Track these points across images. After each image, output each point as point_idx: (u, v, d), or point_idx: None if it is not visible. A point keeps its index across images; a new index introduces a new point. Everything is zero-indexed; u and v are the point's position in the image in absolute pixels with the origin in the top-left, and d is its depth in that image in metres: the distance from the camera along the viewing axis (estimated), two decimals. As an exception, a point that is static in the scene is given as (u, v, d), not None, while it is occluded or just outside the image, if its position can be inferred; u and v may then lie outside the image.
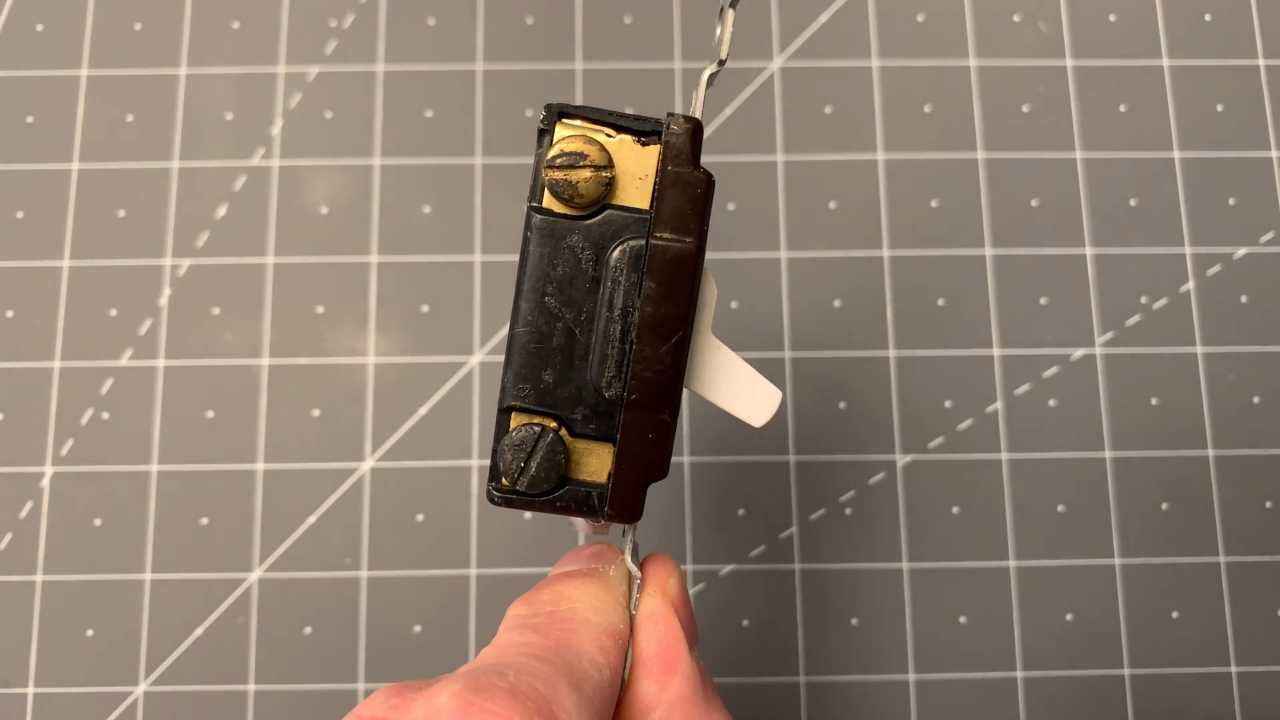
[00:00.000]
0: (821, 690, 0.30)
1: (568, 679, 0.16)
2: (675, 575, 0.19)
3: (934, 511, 0.31)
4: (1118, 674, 0.31)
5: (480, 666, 0.16)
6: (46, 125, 0.33)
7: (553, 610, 0.18)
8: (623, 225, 0.17)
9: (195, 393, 0.32)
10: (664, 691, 0.18)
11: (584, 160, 0.17)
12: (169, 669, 0.30)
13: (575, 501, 0.18)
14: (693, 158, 0.17)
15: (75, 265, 0.32)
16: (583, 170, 0.17)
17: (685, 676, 0.18)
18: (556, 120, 0.17)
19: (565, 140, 0.17)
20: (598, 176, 0.17)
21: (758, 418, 0.18)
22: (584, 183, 0.17)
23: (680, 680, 0.18)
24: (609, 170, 0.17)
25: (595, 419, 0.17)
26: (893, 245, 0.33)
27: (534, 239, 0.17)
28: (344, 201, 0.33)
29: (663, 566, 0.19)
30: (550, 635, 0.17)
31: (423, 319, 0.32)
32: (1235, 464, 0.32)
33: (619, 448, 0.17)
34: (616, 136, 0.17)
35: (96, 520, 0.31)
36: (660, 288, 0.17)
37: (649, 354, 0.17)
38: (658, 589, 0.19)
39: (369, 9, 0.34)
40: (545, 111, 0.17)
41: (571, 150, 0.17)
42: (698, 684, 0.18)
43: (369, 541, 0.31)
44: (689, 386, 0.18)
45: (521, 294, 0.17)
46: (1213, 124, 0.34)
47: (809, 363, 0.32)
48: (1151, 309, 0.33)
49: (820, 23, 0.34)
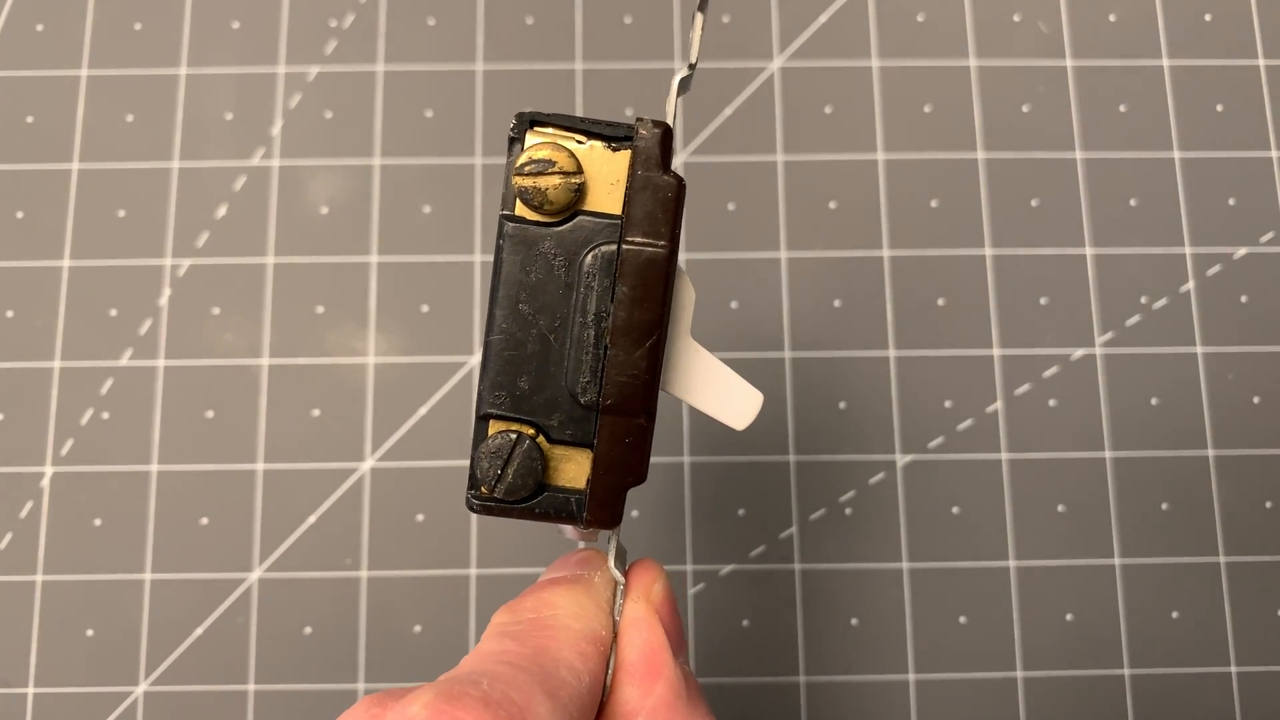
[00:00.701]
0: (821, 690, 0.30)
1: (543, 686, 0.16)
2: (660, 581, 0.19)
3: (934, 511, 0.31)
4: (1118, 674, 0.31)
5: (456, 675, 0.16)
6: (46, 125, 0.33)
7: (534, 617, 0.18)
8: (595, 231, 0.17)
9: (195, 393, 0.32)
10: (646, 698, 0.18)
11: (552, 167, 0.17)
12: (169, 669, 0.30)
13: (554, 508, 0.17)
14: (663, 161, 0.17)
15: (75, 265, 0.32)
16: (551, 177, 0.17)
17: (668, 683, 0.18)
18: (527, 129, 0.17)
19: (534, 148, 0.17)
20: (566, 183, 0.17)
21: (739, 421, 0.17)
22: (553, 189, 0.17)
23: (663, 686, 0.18)
24: (578, 176, 0.17)
25: (572, 425, 0.17)
26: (893, 245, 0.33)
27: (507, 246, 0.17)
28: (344, 201, 0.33)
29: (647, 572, 0.19)
30: (529, 642, 0.17)
31: (423, 319, 0.32)
32: (1235, 464, 0.32)
33: (596, 453, 0.17)
34: (587, 143, 0.17)
35: (96, 520, 0.31)
36: (633, 292, 0.17)
37: (623, 359, 0.17)
38: (641, 595, 0.19)
39: (369, 9, 0.34)
40: (515, 120, 0.17)
41: (539, 157, 0.17)
42: (681, 691, 0.18)
43: (369, 541, 0.31)
44: (668, 390, 0.18)
45: (496, 301, 0.17)
46: (1213, 124, 0.34)
47: (809, 363, 0.32)
48: (1151, 309, 0.33)
49: (820, 23, 0.34)
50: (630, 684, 0.18)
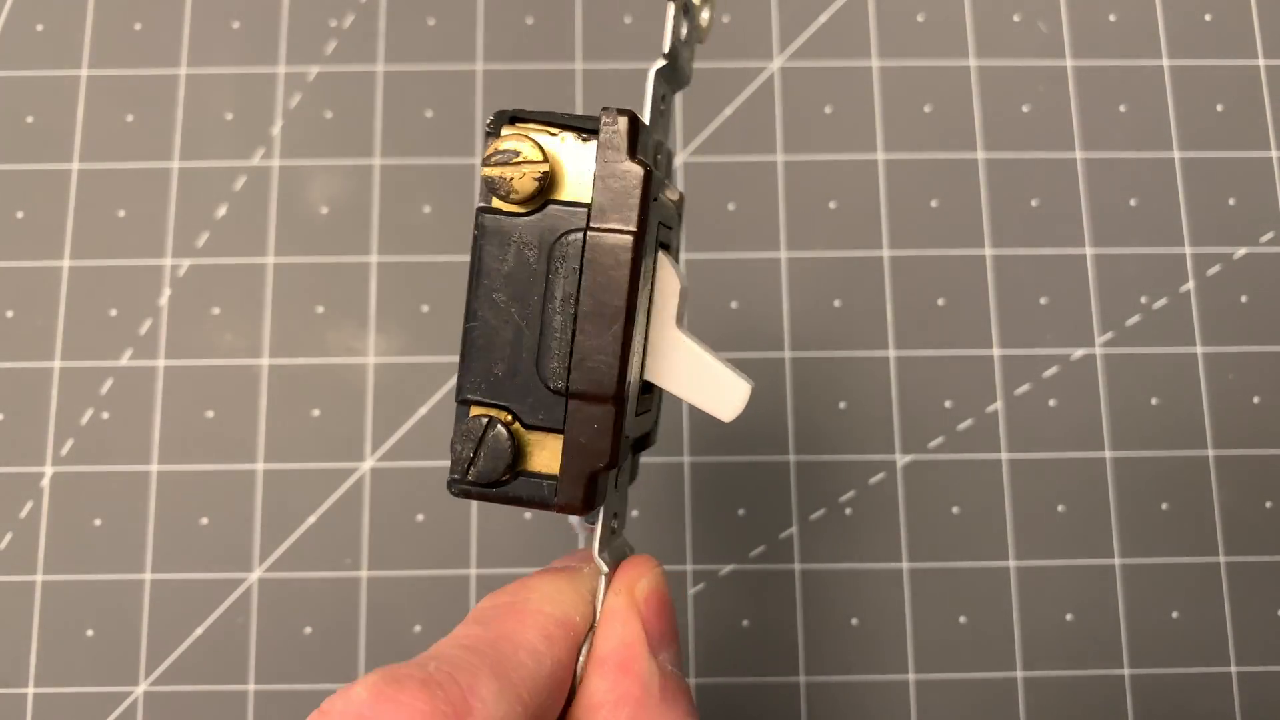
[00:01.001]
0: (821, 690, 0.30)
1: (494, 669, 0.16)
2: (649, 576, 0.19)
3: (934, 511, 0.31)
4: (1118, 674, 0.31)
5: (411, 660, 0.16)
6: (46, 125, 0.33)
7: (509, 600, 0.18)
8: (565, 219, 0.17)
9: (195, 393, 0.32)
10: (612, 692, 0.17)
11: (517, 157, 0.17)
12: (169, 669, 0.30)
13: (528, 492, 0.18)
14: (630, 149, 0.17)
15: (75, 265, 0.32)
16: (518, 166, 0.17)
17: (638, 678, 0.17)
18: (503, 124, 0.18)
19: (502, 139, 0.17)
20: (531, 171, 0.17)
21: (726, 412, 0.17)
22: (518, 178, 0.17)
23: (631, 682, 0.17)
24: (542, 164, 0.17)
25: (544, 410, 0.17)
26: (893, 245, 0.33)
27: (482, 237, 0.17)
28: (344, 201, 0.33)
29: (636, 566, 0.19)
30: (494, 626, 0.17)
31: (423, 319, 0.32)
32: (1235, 464, 0.32)
33: (566, 438, 0.17)
34: (559, 135, 0.17)
35: (96, 520, 0.31)
36: (598, 278, 0.17)
37: (590, 344, 0.17)
38: (624, 588, 0.18)
39: (369, 9, 0.34)
40: (493, 117, 0.18)
41: (505, 148, 0.17)
42: (654, 688, 0.17)
43: (369, 541, 0.31)
44: (655, 381, 0.18)
45: (471, 291, 0.18)
46: (1213, 124, 0.34)
47: (809, 363, 0.32)
48: (1151, 309, 0.33)
49: (820, 23, 0.34)
50: (599, 676, 0.18)
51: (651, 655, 0.18)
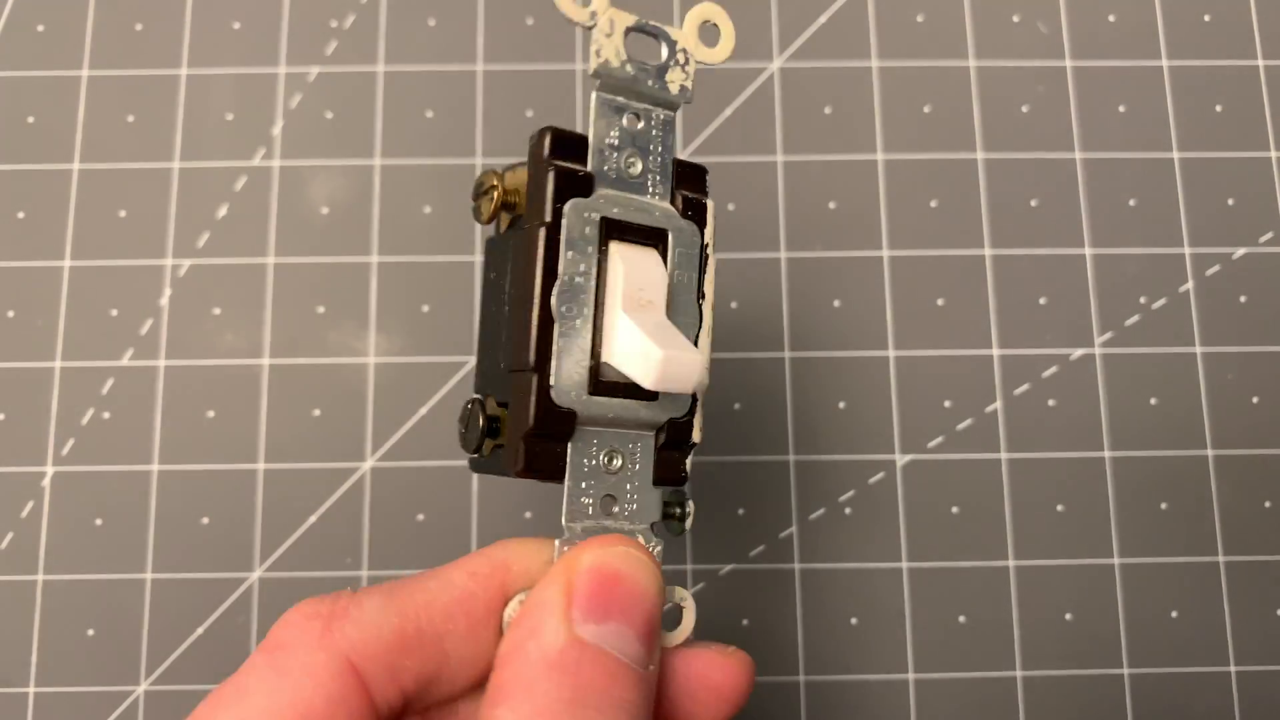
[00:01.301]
0: (821, 690, 0.30)
1: (390, 589, 0.18)
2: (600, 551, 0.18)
3: (933, 511, 0.31)
4: (1117, 674, 0.31)
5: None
6: (47, 125, 0.33)
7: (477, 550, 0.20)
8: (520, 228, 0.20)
9: (196, 393, 0.32)
10: (506, 644, 0.18)
11: (483, 187, 0.20)
12: (169, 668, 0.30)
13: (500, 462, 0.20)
14: (551, 155, 0.19)
15: (76, 265, 0.32)
16: (486, 194, 0.20)
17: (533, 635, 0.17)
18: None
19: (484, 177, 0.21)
20: (489, 195, 0.20)
21: (645, 379, 0.18)
22: (483, 202, 0.20)
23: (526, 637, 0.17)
24: (497, 190, 0.20)
25: (503, 390, 0.20)
26: (892, 245, 0.33)
27: (485, 258, 0.21)
28: (344, 201, 0.33)
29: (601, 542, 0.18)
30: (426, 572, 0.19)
31: (423, 319, 0.32)
32: (1235, 464, 0.32)
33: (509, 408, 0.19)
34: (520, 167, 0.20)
35: (97, 520, 0.31)
36: (519, 267, 0.19)
37: (514, 323, 0.19)
38: (573, 555, 0.18)
39: (369, 9, 0.34)
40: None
41: (477, 182, 0.21)
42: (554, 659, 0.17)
43: (369, 541, 0.31)
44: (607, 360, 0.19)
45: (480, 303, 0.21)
46: (1212, 124, 0.34)
47: (808, 363, 0.32)
48: (1151, 309, 0.33)
49: (820, 23, 0.34)
50: (509, 633, 0.18)
51: (566, 621, 0.17)
